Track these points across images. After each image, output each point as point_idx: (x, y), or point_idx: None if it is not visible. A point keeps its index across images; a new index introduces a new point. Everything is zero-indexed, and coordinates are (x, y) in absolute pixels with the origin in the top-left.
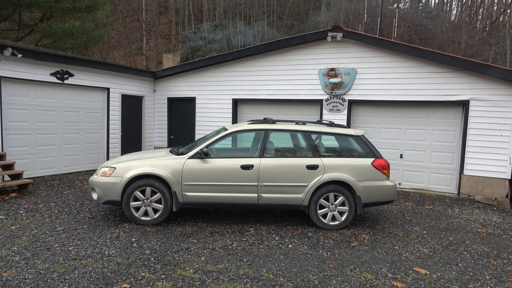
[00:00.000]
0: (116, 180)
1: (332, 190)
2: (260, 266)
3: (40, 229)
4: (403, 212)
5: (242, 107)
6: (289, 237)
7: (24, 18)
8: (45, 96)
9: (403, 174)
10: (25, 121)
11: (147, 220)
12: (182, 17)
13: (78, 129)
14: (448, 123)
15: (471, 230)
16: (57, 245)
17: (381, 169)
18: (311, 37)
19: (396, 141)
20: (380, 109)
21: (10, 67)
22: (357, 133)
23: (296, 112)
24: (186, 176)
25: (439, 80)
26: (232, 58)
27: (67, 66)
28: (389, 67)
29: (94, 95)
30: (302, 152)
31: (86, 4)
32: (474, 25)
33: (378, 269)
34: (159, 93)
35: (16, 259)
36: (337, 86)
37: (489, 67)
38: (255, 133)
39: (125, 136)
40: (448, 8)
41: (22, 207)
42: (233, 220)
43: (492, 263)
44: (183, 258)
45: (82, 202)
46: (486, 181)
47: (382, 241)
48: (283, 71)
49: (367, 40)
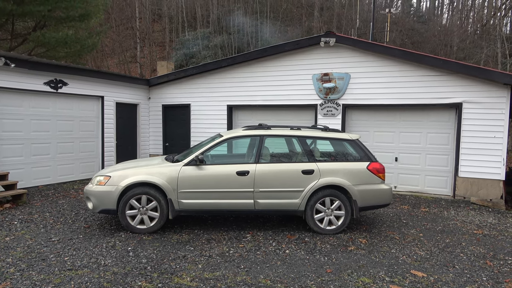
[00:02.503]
0: (111, 189)
1: (328, 195)
2: (257, 272)
3: (35, 240)
4: (399, 215)
5: (237, 113)
6: (286, 242)
7: (17, 28)
8: (39, 106)
9: (399, 177)
10: (19, 131)
11: (143, 229)
12: (176, 25)
13: (72, 138)
14: (442, 126)
15: (467, 231)
16: (53, 255)
17: (376, 172)
18: (304, 43)
19: (391, 145)
20: (374, 113)
21: (3, 77)
22: (352, 137)
23: (291, 117)
24: (182, 183)
25: (432, 83)
26: (227, 64)
27: (61, 75)
28: (382, 71)
29: (89, 104)
30: (298, 157)
31: (79, 13)
32: (465, 28)
33: (376, 272)
34: (154, 101)
35: (11, 271)
36: (331, 91)
37: (480, 69)
38: (250, 139)
39: (120, 144)
40: (439, 12)
41: (17, 218)
42: (230, 227)
43: (488, 265)
44: (180, 266)
45: (78, 211)
46: (480, 182)
47: (379, 244)
48: (277, 77)
49: (360, 45)
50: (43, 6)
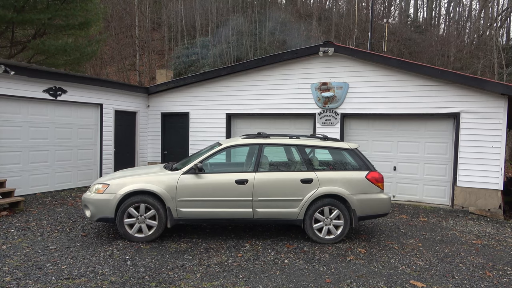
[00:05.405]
0: (109, 197)
1: (327, 204)
2: (256, 282)
3: (32, 248)
4: (398, 224)
5: (235, 122)
6: (284, 252)
7: (17, 35)
8: (37, 113)
9: (397, 187)
10: (17, 138)
11: (141, 237)
12: (175, 33)
13: (71, 145)
14: (440, 135)
15: (466, 241)
16: (50, 264)
17: (375, 182)
18: (303, 52)
19: (389, 154)
20: (373, 122)
21: (3, 84)
22: (351, 146)
23: (290, 126)
24: (181, 192)
25: (430, 93)
26: (226, 73)
27: (60, 82)
28: (380, 81)
29: (87, 111)
30: (297, 166)
31: (79, 21)
32: (462, 38)
33: (375, 283)
34: (153, 109)
35: (7, 280)
36: (329, 100)
37: (478, 80)
38: (249, 148)
39: (118, 152)
40: (436, 23)
41: (13, 226)
42: (228, 236)
43: (488, 275)
44: (178, 276)
45: (75, 219)
46: (479, 192)
47: (378, 254)
48: (276, 86)
49: (358, 54)
50: (43, 14)
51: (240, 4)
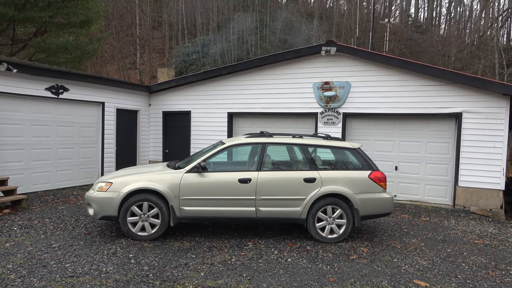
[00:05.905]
0: (113, 195)
1: (330, 203)
2: (260, 281)
3: (35, 246)
4: (400, 224)
5: (237, 121)
6: (288, 251)
7: (18, 33)
8: (39, 111)
9: (399, 186)
10: (19, 136)
11: (144, 236)
12: (176, 32)
13: (72, 143)
14: (441, 135)
15: (468, 241)
16: (53, 262)
17: (378, 181)
18: (305, 52)
19: (391, 153)
20: (375, 121)
21: (5, 82)
22: (354, 146)
23: (291, 125)
24: (184, 190)
25: (432, 93)
26: (227, 72)
27: (62, 80)
28: (382, 80)
29: (89, 110)
30: (299, 166)
31: (80, 19)
32: (463, 39)
33: (379, 282)
34: (154, 107)
35: (11, 277)
36: (331, 99)
37: (480, 80)
38: (252, 147)
39: (120, 151)
40: (437, 23)
41: (16, 224)
42: (231, 234)
43: (490, 275)
44: (182, 274)
45: (78, 217)
46: (480, 192)
47: (380, 253)
48: (278, 85)
49: (360, 54)
50: (44, 12)
51: (241, 3)
